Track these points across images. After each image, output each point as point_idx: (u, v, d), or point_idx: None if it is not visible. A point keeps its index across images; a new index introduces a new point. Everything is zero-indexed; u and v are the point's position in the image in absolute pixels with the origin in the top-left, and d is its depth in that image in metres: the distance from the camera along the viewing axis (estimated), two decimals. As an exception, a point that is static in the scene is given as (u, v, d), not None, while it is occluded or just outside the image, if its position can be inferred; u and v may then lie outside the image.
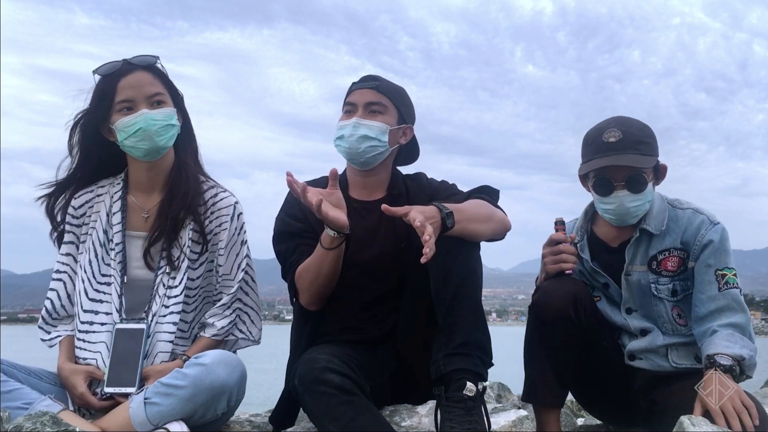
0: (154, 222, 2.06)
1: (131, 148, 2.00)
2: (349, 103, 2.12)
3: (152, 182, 2.10)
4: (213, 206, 2.11)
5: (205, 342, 2.07)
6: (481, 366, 1.83)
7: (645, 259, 2.10)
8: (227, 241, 2.10)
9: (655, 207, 2.10)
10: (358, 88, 2.13)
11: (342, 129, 2.09)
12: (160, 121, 1.99)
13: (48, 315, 2.08)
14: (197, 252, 2.08)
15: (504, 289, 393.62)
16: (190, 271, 2.06)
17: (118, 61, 2.02)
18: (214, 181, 2.19)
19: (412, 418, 1.98)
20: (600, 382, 2.15)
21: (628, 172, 2.01)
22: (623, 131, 2.02)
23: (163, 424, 1.79)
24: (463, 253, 1.86)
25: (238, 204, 2.15)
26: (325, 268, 1.92)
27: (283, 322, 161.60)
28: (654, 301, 2.09)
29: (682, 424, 1.62)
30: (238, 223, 2.13)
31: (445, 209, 1.77)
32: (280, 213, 2.15)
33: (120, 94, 1.98)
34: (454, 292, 1.82)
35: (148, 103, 1.99)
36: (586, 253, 2.20)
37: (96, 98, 2.02)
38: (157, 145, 2.00)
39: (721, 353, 1.84)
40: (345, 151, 2.09)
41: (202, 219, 2.08)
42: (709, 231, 2.04)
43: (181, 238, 2.05)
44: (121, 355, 1.92)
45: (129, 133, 1.97)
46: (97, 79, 2.03)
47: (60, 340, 2.05)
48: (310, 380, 1.73)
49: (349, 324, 2.06)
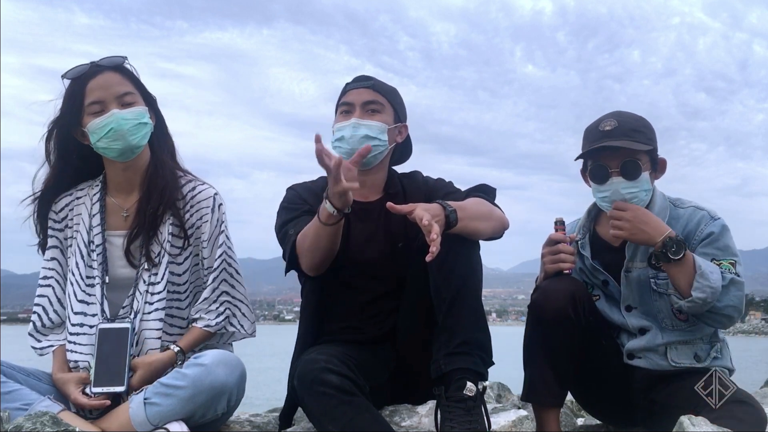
0: (133, 220, 2.06)
1: (105, 149, 2.00)
2: (345, 104, 2.10)
3: (129, 182, 2.09)
4: (192, 200, 2.10)
5: (197, 333, 2.05)
6: (482, 365, 1.83)
7: (645, 256, 2.10)
8: (209, 233, 2.09)
9: (657, 205, 2.12)
10: (353, 88, 2.12)
11: (341, 130, 2.07)
12: (132, 120, 1.98)
13: (40, 323, 2.07)
14: (179, 246, 2.07)
15: (504, 289, 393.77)
16: (174, 266, 2.06)
17: (85, 64, 2.02)
18: (192, 175, 2.18)
19: (412, 418, 1.98)
20: (599, 382, 2.15)
21: (622, 158, 2.04)
22: (619, 121, 2.07)
23: (163, 424, 1.79)
24: (463, 253, 1.86)
25: (218, 195, 2.13)
26: (323, 242, 1.86)
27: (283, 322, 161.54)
28: (654, 296, 2.10)
29: (682, 424, 1.62)
30: (219, 214, 2.12)
31: (448, 207, 1.77)
32: (279, 206, 2.14)
33: (89, 96, 1.97)
34: (454, 292, 1.82)
35: (118, 103, 1.98)
36: (587, 250, 2.21)
37: (66, 102, 2.01)
38: (130, 144, 1.99)
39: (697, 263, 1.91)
40: (346, 153, 2.04)
41: (182, 213, 2.08)
42: (709, 225, 2.06)
43: (160, 233, 2.05)
44: (106, 355, 1.91)
45: (101, 135, 1.97)
46: (66, 84, 2.02)
47: (53, 351, 2.04)
48: (309, 381, 1.73)
49: (349, 324, 2.06)
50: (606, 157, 2.07)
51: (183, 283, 2.09)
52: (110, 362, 1.91)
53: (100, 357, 1.91)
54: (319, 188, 2.12)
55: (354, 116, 2.06)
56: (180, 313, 2.08)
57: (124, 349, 1.92)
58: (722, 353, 2.12)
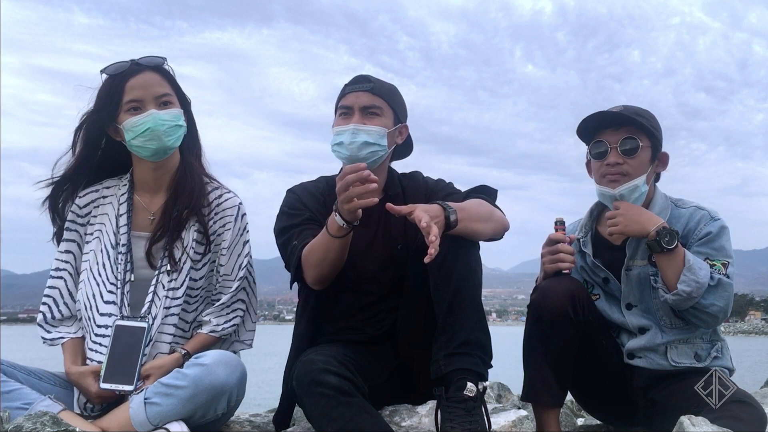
0: (158, 221, 2.06)
1: (139, 147, 2.01)
2: (344, 107, 2.09)
3: (158, 182, 2.10)
4: (217, 207, 2.12)
5: (203, 338, 2.06)
6: (482, 366, 1.83)
7: (646, 254, 2.11)
8: (230, 241, 2.10)
9: (658, 204, 2.14)
10: (352, 91, 2.09)
11: (340, 135, 2.05)
12: (169, 122, 2.00)
13: (50, 314, 2.07)
14: (200, 253, 2.08)
15: (504, 289, 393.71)
16: (193, 272, 2.06)
17: (125, 61, 2.02)
18: (218, 182, 2.19)
19: (412, 418, 1.98)
20: (599, 382, 2.15)
21: (622, 136, 2.10)
22: (626, 106, 2.14)
23: (163, 424, 1.79)
24: (463, 253, 1.85)
25: (242, 205, 2.16)
26: (332, 254, 1.88)
27: (283, 322, 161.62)
28: (653, 294, 2.10)
29: (682, 424, 1.62)
30: (242, 224, 2.14)
31: (449, 208, 1.77)
32: (280, 210, 2.14)
33: (128, 94, 1.98)
34: (454, 292, 1.82)
35: (157, 104, 2.00)
36: (589, 248, 2.22)
37: (103, 98, 2.01)
38: (165, 145, 2.00)
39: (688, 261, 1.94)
40: (345, 158, 2.04)
41: (206, 220, 2.08)
42: (708, 224, 2.08)
43: (184, 238, 2.05)
44: (120, 352, 1.91)
45: (137, 133, 1.98)
46: (103, 78, 2.02)
47: (63, 344, 2.04)
48: (308, 382, 1.73)
49: (349, 324, 2.06)
50: (607, 133, 2.12)
51: (197, 288, 2.09)
52: (123, 360, 1.91)
53: (113, 353, 1.91)
54: (320, 191, 2.12)
55: (353, 121, 2.05)
56: (186, 317, 2.08)
57: (138, 349, 1.92)
58: (722, 353, 2.12)
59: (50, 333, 2.07)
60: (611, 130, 2.11)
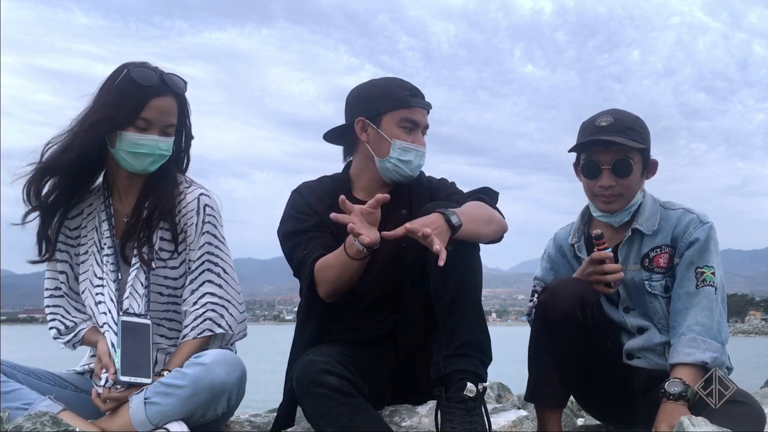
0: (129, 220, 2.07)
1: (123, 159, 2.00)
2: (411, 121, 2.06)
3: (131, 186, 2.10)
4: (179, 204, 2.10)
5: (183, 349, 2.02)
6: (481, 367, 1.82)
7: (638, 258, 2.11)
8: (194, 236, 2.08)
9: (647, 208, 2.14)
10: (420, 106, 2.09)
11: (408, 153, 2.05)
12: (163, 152, 2.01)
13: (62, 327, 2.12)
14: (170, 251, 2.07)
15: (504, 289, 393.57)
16: (168, 270, 2.06)
17: (154, 71, 1.99)
18: (190, 181, 2.16)
19: (412, 418, 1.98)
20: (600, 383, 2.15)
21: (615, 155, 2.06)
22: (615, 117, 2.10)
23: (163, 424, 1.79)
24: (463, 254, 1.85)
25: (204, 195, 2.10)
26: (349, 274, 1.87)
27: (283, 322, 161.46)
28: (649, 298, 2.10)
29: (682, 424, 1.62)
30: (204, 215, 2.08)
31: (447, 212, 1.76)
32: (286, 212, 2.12)
33: (145, 111, 1.96)
34: (454, 292, 1.82)
35: (162, 131, 2.00)
36: (584, 253, 2.21)
37: (125, 104, 1.95)
38: (147, 168, 2.02)
39: (683, 362, 1.92)
40: (401, 175, 2.07)
41: (176, 220, 2.07)
42: (696, 229, 2.07)
43: (152, 238, 2.04)
44: (130, 347, 1.92)
45: (131, 150, 1.97)
46: (126, 74, 1.97)
47: (84, 333, 2.09)
48: (308, 382, 1.72)
49: (349, 324, 2.06)
50: (599, 152, 2.09)
51: (179, 287, 2.08)
52: (136, 354, 1.92)
53: (125, 348, 1.91)
54: (326, 193, 2.10)
55: (419, 142, 2.08)
56: (178, 317, 2.08)
57: (147, 344, 1.95)
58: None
59: (68, 336, 2.11)
60: (602, 148, 2.08)
